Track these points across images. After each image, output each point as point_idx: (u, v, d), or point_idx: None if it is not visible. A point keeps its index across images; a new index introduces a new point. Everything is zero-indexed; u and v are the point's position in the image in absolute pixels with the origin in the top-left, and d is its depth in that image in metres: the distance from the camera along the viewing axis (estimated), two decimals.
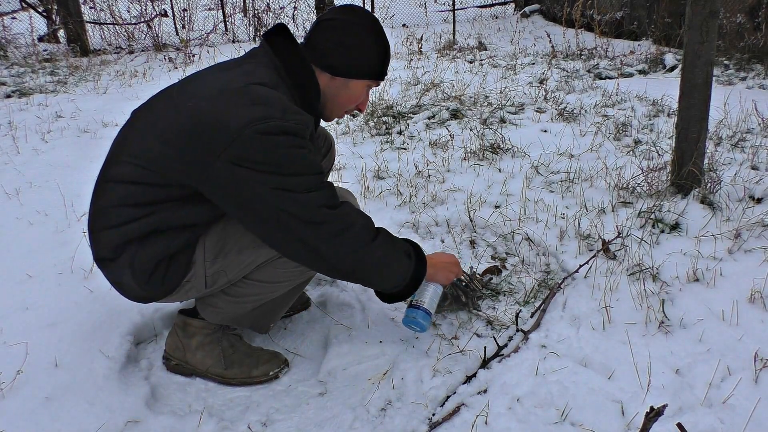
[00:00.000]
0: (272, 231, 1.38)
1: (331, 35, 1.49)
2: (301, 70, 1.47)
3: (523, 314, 1.86)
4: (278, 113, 1.33)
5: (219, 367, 1.64)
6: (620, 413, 1.44)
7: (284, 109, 1.34)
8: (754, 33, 5.79)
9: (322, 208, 1.37)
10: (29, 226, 2.58)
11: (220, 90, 1.36)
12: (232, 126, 1.29)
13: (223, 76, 1.41)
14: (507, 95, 4.52)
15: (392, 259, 1.51)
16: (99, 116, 4.41)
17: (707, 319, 1.75)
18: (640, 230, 2.28)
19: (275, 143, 1.31)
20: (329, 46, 1.49)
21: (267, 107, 1.33)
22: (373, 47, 1.51)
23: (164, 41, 8.04)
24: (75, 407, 1.49)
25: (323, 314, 1.92)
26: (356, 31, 1.49)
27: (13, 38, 8.05)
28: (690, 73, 2.38)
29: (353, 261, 1.43)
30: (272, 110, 1.33)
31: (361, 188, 2.81)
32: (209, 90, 1.37)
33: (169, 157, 1.36)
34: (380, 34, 1.52)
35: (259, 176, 1.31)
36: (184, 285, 1.49)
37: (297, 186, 1.34)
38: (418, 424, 1.45)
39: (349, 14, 1.51)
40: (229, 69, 1.45)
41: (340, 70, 1.50)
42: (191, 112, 1.35)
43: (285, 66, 1.45)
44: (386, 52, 1.55)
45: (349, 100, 1.57)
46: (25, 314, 1.90)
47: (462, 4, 11.00)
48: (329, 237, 1.38)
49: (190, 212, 1.43)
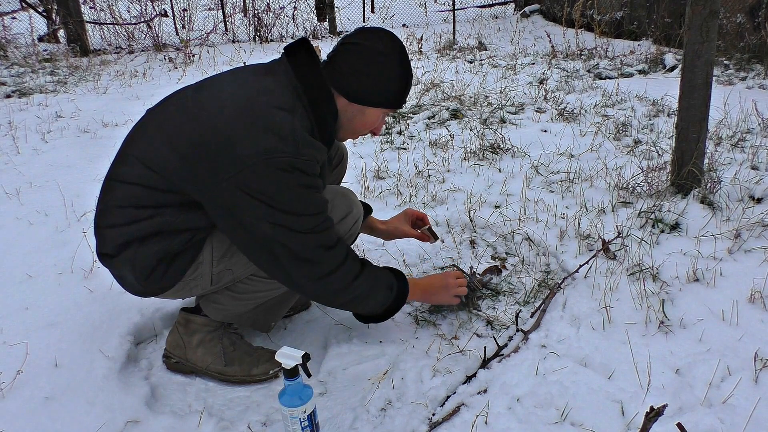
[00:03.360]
0: (261, 256, 1.41)
1: (352, 60, 1.46)
2: (320, 92, 1.45)
3: (523, 314, 1.86)
4: (291, 148, 1.33)
5: (219, 365, 1.64)
6: (620, 413, 1.44)
7: (297, 143, 1.34)
8: (754, 33, 5.79)
9: (318, 248, 1.40)
10: (29, 226, 2.58)
11: (237, 108, 1.35)
12: (245, 153, 1.30)
13: (240, 91, 1.40)
14: (507, 95, 4.52)
15: (372, 294, 1.55)
16: (99, 116, 4.41)
17: (707, 319, 1.75)
18: (640, 230, 2.28)
19: (284, 180, 1.32)
20: (349, 72, 1.46)
21: (281, 139, 1.32)
22: (394, 77, 1.48)
23: (164, 41, 8.04)
24: (75, 407, 1.49)
25: (323, 314, 1.92)
26: (379, 59, 1.45)
27: (13, 38, 8.04)
28: (690, 73, 2.38)
29: (332, 298, 1.51)
30: (285, 143, 1.32)
31: (361, 188, 2.81)
32: (225, 105, 1.37)
33: (175, 165, 1.37)
34: (403, 64, 1.49)
35: (262, 207, 1.33)
36: (188, 282, 1.50)
37: (297, 225, 1.36)
38: (418, 424, 1.45)
39: (374, 41, 1.46)
40: (247, 83, 1.43)
41: (357, 97, 1.48)
42: (205, 126, 1.35)
43: (304, 87, 1.43)
44: (407, 82, 1.52)
45: (364, 126, 1.56)
46: (25, 314, 1.90)
47: (462, 4, 11.00)
48: (316, 278, 1.42)
49: (192, 217, 1.43)
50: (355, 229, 1.68)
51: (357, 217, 1.67)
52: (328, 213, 1.47)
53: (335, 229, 1.48)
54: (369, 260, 1.63)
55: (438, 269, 2.14)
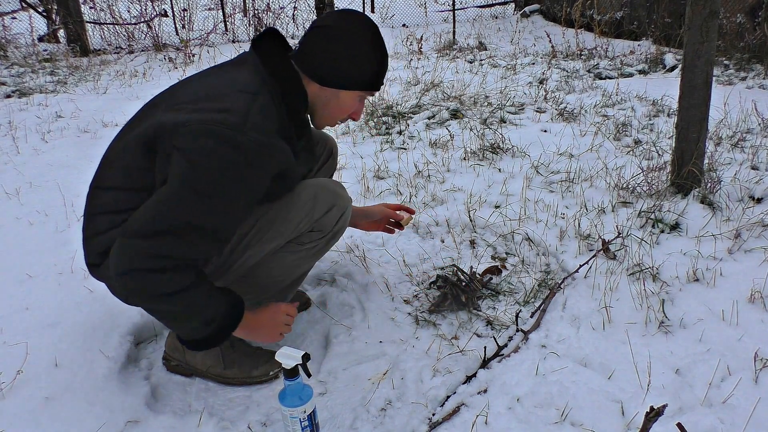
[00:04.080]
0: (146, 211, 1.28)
1: (322, 43, 1.41)
2: (287, 78, 1.40)
3: (523, 314, 1.86)
4: (235, 122, 1.26)
5: (218, 368, 1.64)
6: (620, 413, 1.44)
7: (245, 122, 1.27)
8: (754, 33, 5.79)
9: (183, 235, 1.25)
10: (29, 226, 2.58)
11: (198, 95, 1.35)
12: (190, 121, 1.27)
13: (207, 82, 1.40)
14: (507, 95, 4.52)
15: (181, 318, 1.34)
16: (99, 116, 4.41)
17: (707, 319, 1.75)
18: (640, 230, 2.28)
19: (212, 147, 1.24)
20: (319, 55, 1.42)
21: (229, 114, 1.27)
22: (367, 58, 1.43)
23: (164, 41, 8.03)
24: (75, 407, 1.49)
25: (323, 314, 1.92)
26: (350, 40, 1.40)
27: (13, 38, 8.05)
28: (690, 73, 2.38)
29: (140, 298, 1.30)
30: (232, 117, 1.27)
31: (361, 188, 2.81)
32: (189, 96, 1.37)
33: (138, 157, 1.36)
34: (376, 45, 1.43)
35: (184, 164, 1.25)
36: None
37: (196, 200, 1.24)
38: (418, 424, 1.45)
39: (344, 21, 1.42)
40: (215, 75, 1.42)
41: (329, 81, 1.43)
42: (167, 115, 1.34)
43: (271, 74, 1.39)
44: (381, 63, 1.46)
45: (339, 111, 1.51)
46: (25, 314, 1.90)
47: (462, 4, 10.99)
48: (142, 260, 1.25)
49: None
50: (343, 222, 1.64)
51: (344, 210, 1.61)
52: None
53: (214, 248, 1.33)
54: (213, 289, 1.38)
55: (438, 269, 2.14)
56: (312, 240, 1.60)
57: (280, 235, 1.54)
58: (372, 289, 2.01)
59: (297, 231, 1.56)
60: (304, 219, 1.55)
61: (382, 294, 1.98)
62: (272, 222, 1.52)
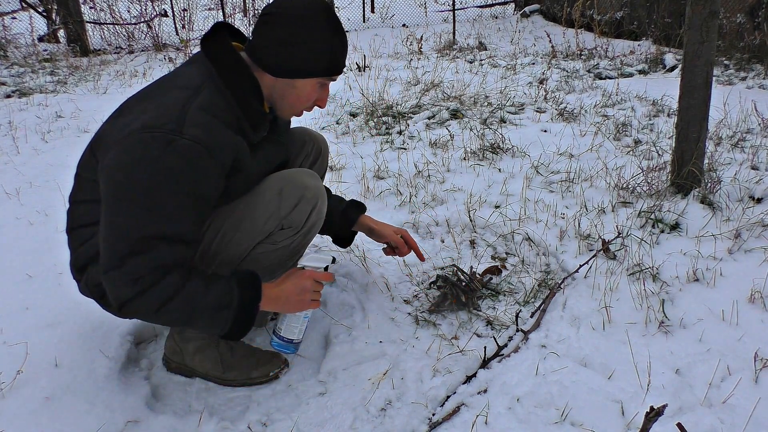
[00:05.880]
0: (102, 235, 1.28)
1: (271, 32, 1.34)
2: (234, 71, 1.34)
3: (523, 314, 1.86)
4: (172, 124, 1.22)
5: (218, 371, 1.63)
6: (620, 413, 1.44)
7: (182, 120, 1.23)
8: (754, 33, 5.79)
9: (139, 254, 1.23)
10: (29, 226, 2.58)
11: (142, 95, 1.35)
12: (126, 130, 1.25)
13: (152, 86, 1.39)
14: (507, 95, 4.52)
15: (194, 317, 1.32)
16: (99, 116, 4.41)
17: (707, 319, 1.75)
18: (640, 230, 2.28)
19: (148, 154, 1.21)
20: (266, 45, 1.34)
21: (164, 114, 1.24)
22: (319, 43, 1.34)
23: (164, 41, 8.04)
24: (75, 407, 1.49)
25: (323, 314, 1.92)
26: (297, 26, 1.31)
27: (13, 38, 8.05)
28: (690, 73, 2.38)
29: (147, 318, 1.32)
30: (168, 118, 1.23)
31: (361, 188, 2.81)
32: (131, 102, 1.37)
33: (93, 163, 1.36)
34: (329, 27, 1.34)
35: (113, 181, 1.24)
36: None
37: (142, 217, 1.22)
38: (418, 424, 1.45)
39: (291, 5, 1.33)
40: (167, 79, 1.39)
41: (281, 71, 1.36)
42: (115, 121, 1.34)
43: (217, 69, 1.33)
44: (337, 44, 1.36)
45: (299, 101, 1.42)
46: (25, 314, 1.90)
47: (462, 4, 10.99)
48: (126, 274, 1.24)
49: None
50: (317, 215, 1.52)
51: (314, 202, 1.50)
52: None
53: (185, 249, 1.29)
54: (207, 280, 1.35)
55: (438, 269, 2.14)
56: (285, 237, 1.51)
57: (249, 237, 1.47)
58: (372, 289, 2.01)
59: (265, 231, 1.48)
60: (271, 217, 1.47)
61: (382, 294, 1.98)
62: (239, 223, 1.46)
